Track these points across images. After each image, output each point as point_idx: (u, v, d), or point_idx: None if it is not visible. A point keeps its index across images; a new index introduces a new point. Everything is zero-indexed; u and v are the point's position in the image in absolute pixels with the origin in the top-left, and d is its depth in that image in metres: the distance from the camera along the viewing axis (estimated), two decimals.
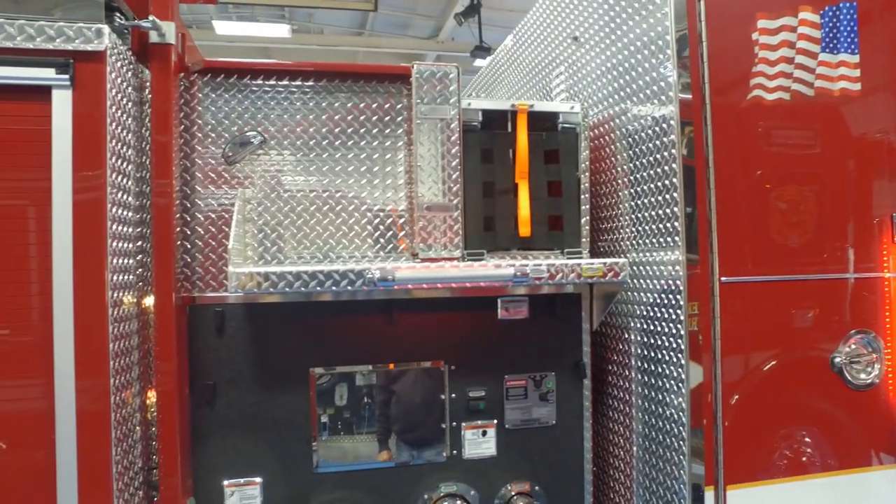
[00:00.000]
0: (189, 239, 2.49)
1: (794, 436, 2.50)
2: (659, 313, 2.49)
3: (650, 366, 2.56)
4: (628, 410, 2.74)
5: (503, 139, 2.72)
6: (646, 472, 2.61)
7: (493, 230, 2.69)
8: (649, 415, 2.58)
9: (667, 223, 2.44)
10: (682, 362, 2.36)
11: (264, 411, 2.52)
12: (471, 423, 2.70)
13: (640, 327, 2.64)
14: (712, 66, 2.39)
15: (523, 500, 2.70)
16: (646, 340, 2.59)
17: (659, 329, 2.49)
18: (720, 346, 2.38)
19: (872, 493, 2.56)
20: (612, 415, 2.87)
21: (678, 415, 2.38)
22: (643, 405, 2.63)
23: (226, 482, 2.49)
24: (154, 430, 2.37)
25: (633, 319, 2.69)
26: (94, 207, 2.04)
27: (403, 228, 2.65)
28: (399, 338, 2.65)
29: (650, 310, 2.55)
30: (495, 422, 2.72)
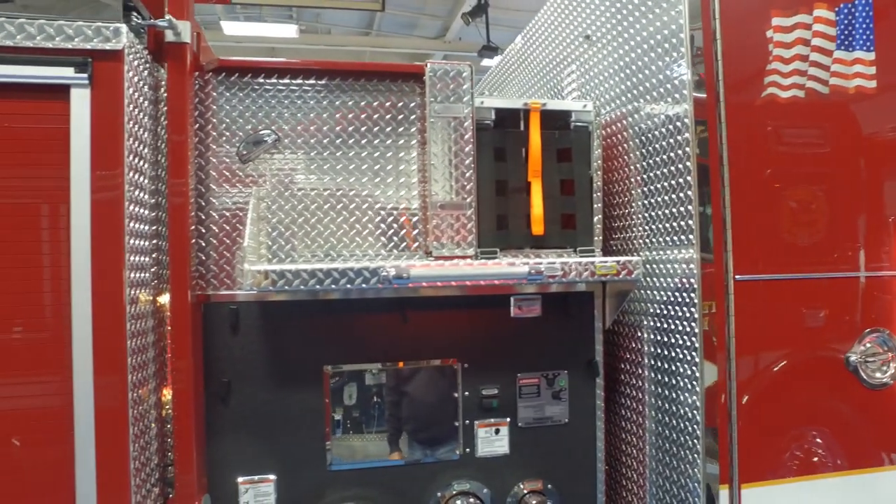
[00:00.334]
0: (203, 237, 2.50)
1: (809, 435, 2.49)
2: (672, 312, 2.49)
3: (663, 364, 2.56)
4: (641, 409, 2.73)
5: (516, 138, 2.72)
6: (659, 471, 2.61)
7: (506, 228, 2.69)
8: (662, 413, 2.58)
9: (680, 221, 2.44)
10: (696, 361, 2.35)
11: (278, 409, 2.53)
12: (484, 421, 2.70)
13: (653, 326, 2.63)
14: (726, 64, 2.39)
15: (536, 499, 2.70)
16: (659, 339, 2.59)
17: (672, 327, 2.49)
18: (734, 345, 2.37)
19: (890, 493, 2.55)
20: (625, 413, 2.87)
21: (692, 414, 2.38)
22: (656, 404, 2.62)
23: (240, 479, 2.50)
24: (169, 427, 2.38)
25: (645, 318, 2.69)
26: (113, 205, 2.05)
27: (416, 227, 2.66)
28: (412, 336, 2.65)
29: (663, 308, 2.55)
30: (508, 420, 2.72)
